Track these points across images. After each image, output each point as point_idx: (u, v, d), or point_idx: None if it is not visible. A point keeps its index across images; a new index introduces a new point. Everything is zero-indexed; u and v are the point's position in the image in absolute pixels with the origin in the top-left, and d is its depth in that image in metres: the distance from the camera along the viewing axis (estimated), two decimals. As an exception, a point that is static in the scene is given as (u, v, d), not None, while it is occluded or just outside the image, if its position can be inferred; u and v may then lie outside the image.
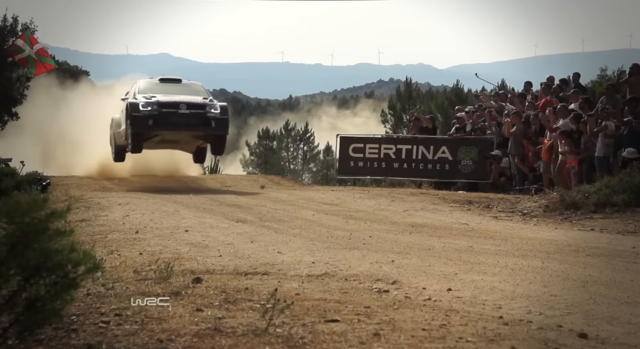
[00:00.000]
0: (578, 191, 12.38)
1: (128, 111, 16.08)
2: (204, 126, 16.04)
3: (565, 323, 4.15)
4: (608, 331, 3.95)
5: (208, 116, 16.00)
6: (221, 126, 16.21)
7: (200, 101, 16.39)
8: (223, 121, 16.23)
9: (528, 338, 3.80)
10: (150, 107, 15.89)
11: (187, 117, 15.87)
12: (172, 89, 17.14)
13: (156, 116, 15.79)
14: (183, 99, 16.25)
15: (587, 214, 11.31)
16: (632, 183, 11.54)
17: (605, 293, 5.21)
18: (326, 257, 6.75)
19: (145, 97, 16.23)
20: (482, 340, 3.77)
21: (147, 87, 17.15)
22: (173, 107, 15.95)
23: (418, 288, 5.28)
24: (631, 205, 11.27)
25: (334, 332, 3.92)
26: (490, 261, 6.87)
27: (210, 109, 16.12)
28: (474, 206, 13.04)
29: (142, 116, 15.79)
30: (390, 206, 12.79)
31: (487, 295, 5.05)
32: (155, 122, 15.82)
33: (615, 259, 7.25)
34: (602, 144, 14.73)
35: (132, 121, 15.90)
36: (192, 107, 16.03)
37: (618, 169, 13.69)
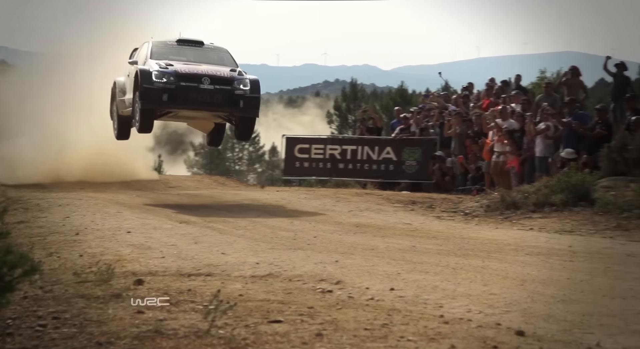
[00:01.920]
0: (518, 191, 12.61)
1: (138, 80, 12.96)
2: (230, 106, 12.99)
3: (503, 321, 4.23)
4: (545, 329, 4.03)
5: (236, 93, 12.91)
6: (251, 107, 13.07)
7: (227, 73, 13.13)
8: (253, 100, 13.07)
9: (467, 336, 3.87)
10: (166, 79, 12.78)
11: (211, 94, 12.81)
12: (192, 55, 13.95)
13: (172, 91, 12.75)
14: (206, 70, 13.08)
15: (526, 214, 11.54)
16: (570, 183, 11.81)
17: (542, 291, 5.33)
18: (270, 258, 6.74)
19: (159, 65, 13.05)
20: (423, 339, 3.82)
21: (161, 51, 13.87)
22: (194, 81, 12.82)
23: (361, 288, 5.31)
24: (568, 204, 11.54)
25: (277, 333, 3.92)
26: (433, 261, 6.96)
27: (239, 84, 12.96)
28: (417, 206, 13.18)
29: (154, 90, 12.74)
30: (335, 207, 12.85)
31: (429, 294, 5.11)
32: (171, 99, 12.79)
33: (553, 257, 7.41)
34: (542, 145, 15.05)
35: (143, 95, 12.80)
36: (217, 81, 12.91)
37: (557, 169, 14.00)
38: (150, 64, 13.16)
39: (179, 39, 14.32)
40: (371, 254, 7.38)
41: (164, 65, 13.00)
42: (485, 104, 17.72)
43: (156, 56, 13.59)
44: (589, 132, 14.53)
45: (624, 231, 9.71)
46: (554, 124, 15.11)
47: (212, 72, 13.00)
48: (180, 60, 13.47)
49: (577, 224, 10.49)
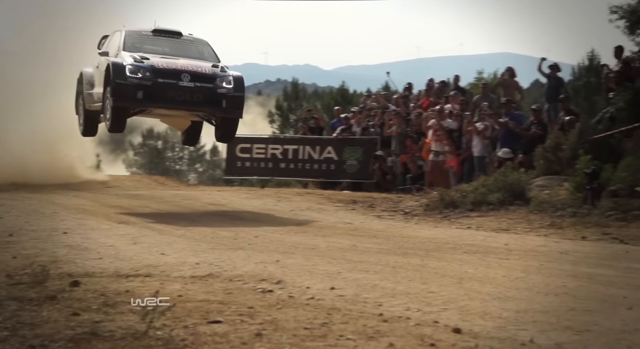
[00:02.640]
0: (457, 190, 12.82)
1: (109, 74, 11.79)
2: (211, 106, 11.89)
3: (441, 319, 4.29)
4: (480, 326, 4.11)
5: (219, 92, 11.77)
6: (234, 107, 11.98)
7: (209, 69, 11.99)
8: (237, 99, 11.99)
9: (406, 334, 3.91)
10: (141, 74, 11.59)
11: (191, 93, 11.69)
12: (169, 47, 12.77)
13: (148, 88, 11.57)
14: (186, 65, 11.92)
15: (464, 213, 11.73)
16: (506, 182, 12.06)
17: (479, 289, 5.42)
18: (211, 258, 6.70)
19: (134, 58, 11.83)
20: (362, 337, 3.85)
21: (135, 42, 12.62)
22: (172, 77, 11.67)
23: (302, 287, 5.32)
24: (505, 203, 11.78)
25: (216, 333, 3.90)
26: (373, 260, 7.02)
27: (221, 82, 11.84)
28: (358, 205, 13.27)
29: (128, 86, 11.56)
30: (276, 206, 12.84)
31: (369, 293, 5.15)
32: (147, 96, 11.62)
33: (490, 256, 7.55)
34: (480, 145, 15.32)
35: (115, 91, 11.66)
36: (198, 78, 11.76)
37: (494, 169, 14.28)
38: (124, 57, 11.96)
39: (155, 29, 13.06)
40: (312, 254, 7.40)
41: (139, 58, 11.81)
42: (425, 104, 17.94)
43: (130, 48, 12.38)
44: (525, 132, 14.86)
45: (558, 229, 9.96)
46: (491, 124, 15.40)
47: (192, 67, 11.89)
48: (157, 53, 12.31)
49: (513, 222, 10.71)
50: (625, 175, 11.13)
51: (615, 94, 13.85)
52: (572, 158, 12.50)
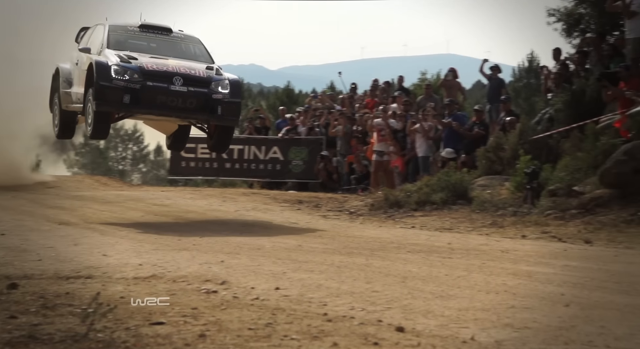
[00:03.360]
0: (401, 190, 12.95)
1: (92, 75, 10.66)
2: (205, 113, 10.79)
3: (385, 318, 4.33)
4: (423, 324, 4.16)
5: (214, 97, 10.71)
6: (230, 114, 10.91)
7: (204, 72, 10.90)
8: (233, 105, 10.92)
9: (350, 334, 3.94)
10: (128, 76, 10.46)
11: (183, 98, 10.58)
12: (158, 45, 11.57)
13: (136, 92, 10.45)
14: (178, 67, 10.81)
15: (408, 212, 11.85)
16: (449, 182, 12.23)
17: (422, 288, 5.49)
18: (154, 259, 6.62)
19: (120, 58, 10.69)
20: (307, 337, 3.86)
21: (121, 38, 11.45)
22: (163, 80, 10.56)
23: (247, 288, 5.31)
24: (448, 203, 11.94)
25: (159, 335, 3.86)
26: (318, 259, 7.04)
27: (217, 86, 10.79)
28: (304, 205, 13.29)
29: (114, 89, 10.41)
30: (221, 207, 12.77)
31: (314, 293, 5.16)
32: (134, 101, 10.49)
33: (433, 255, 7.65)
34: (424, 145, 15.50)
35: (99, 94, 10.50)
36: (192, 82, 10.68)
37: (437, 169, 14.47)
38: (108, 56, 10.82)
39: (143, 24, 11.81)
40: (257, 254, 7.38)
41: (125, 58, 10.70)
42: (370, 104, 18.07)
43: (114, 45, 11.24)
44: (468, 133, 15.09)
45: (499, 228, 10.13)
46: (434, 124, 15.60)
47: (185, 70, 10.77)
48: (145, 52, 11.17)
49: (456, 221, 10.86)
50: (563, 175, 11.40)
51: (553, 96, 14.17)
52: (512, 158, 12.75)
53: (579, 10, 16.96)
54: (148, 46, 11.48)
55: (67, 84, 12.30)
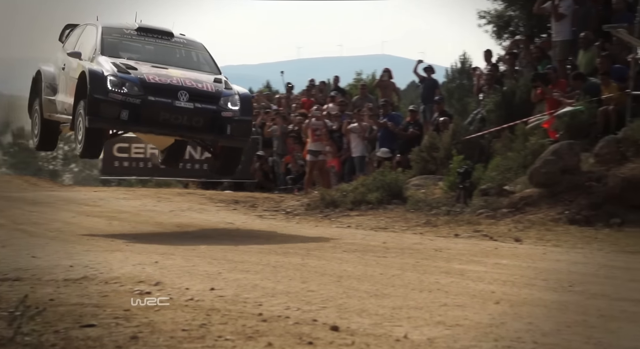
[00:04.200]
0: (337, 190, 13.02)
1: (85, 85, 9.35)
2: (213, 132, 9.57)
3: (320, 317, 4.35)
4: (358, 323, 4.20)
5: (223, 115, 9.48)
6: (240, 134, 9.68)
7: (211, 85, 9.68)
8: (244, 124, 9.73)
9: (285, 333, 3.94)
10: (127, 89, 9.22)
11: (189, 115, 9.34)
12: (158, 52, 10.25)
13: (136, 108, 9.21)
14: (184, 79, 9.56)
15: (344, 212, 11.93)
16: (385, 182, 12.36)
17: (357, 287, 5.54)
18: (86, 261, 6.50)
19: (117, 67, 9.41)
20: (241, 338, 3.85)
21: (116, 42, 10.12)
22: (166, 95, 9.32)
23: (181, 289, 5.26)
24: (383, 202, 12.07)
25: (89, 337, 3.80)
26: (254, 260, 7.03)
27: (226, 103, 9.57)
28: (240, 205, 13.24)
29: (110, 103, 9.15)
30: (156, 207, 12.61)
31: (249, 293, 5.15)
32: (133, 118, 9.25)
33: (368, 254, 7.72)
34: (360, 145, 15.62)
35: (92, 109, 9.20)
36: (199, 97, 9.45)
37: (373, 169, 14.60)
38: (103, 64, 9.51)
39: (141, 27, 10.43)
40: (192, 255, 7.32)
41: (123, 67, 9.41)
42: (306, 104, 18.11)
43: (109, 50, 9.90)
44: (403, 133, 15.27)
45: (433, 227, 10.29)
46: (370, 124, 15.73)
47: (190, 82, 9.51)
48: (144, 60, 9.87)
49: (391, 221, 10.99)
50: (494, 174, 11.65)
51: (485, 96, 14.46)
52: (446, 158, 12.96)
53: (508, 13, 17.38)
54: (147, 53, 10.18)
55: (50, 90, 10.86)
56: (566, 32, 13.46)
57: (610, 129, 11.51)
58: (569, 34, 13.41)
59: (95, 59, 9.75)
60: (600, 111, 11.79)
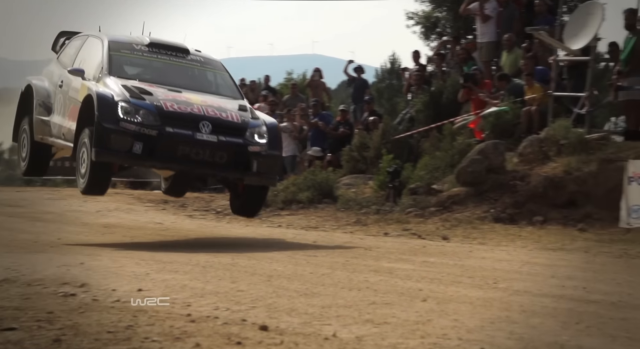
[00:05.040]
0: (268, 189, 13.00)
1: (91, 111, 8.21)
2: (238, 169, 8.41)
3: (249, 317, 4.34)
4: (287, 322, 4.20)
5: (250, 150, 8.36)
6: (269, 170, 8.55)
7: (237, 115, 8.53)
8: (272, 160, 8.60)
9: (213, 334, 3.92)
10: (142, 118, 8.07)
11: (212, 150, 8.20)
12: (174, 73, 9.08)
13: (151, 140, 8.05)
14: (206, 106, 8.39)
15: (275, 211, 11.93)
16: (315, 181, 12.42)
17: (287, 286, 5.54)
18: (7, 263, 6.31)
19: (129, 91, 8.26)
20: (168, 339, 3.80)
21: (125, 60, 8.96)
22: (187, 126, 8.16)
23: (107, 290, 5.16)
24: (314, 202, 12.13)
25: (9, 341, 3.69)
26: (183, 260, 6.96)
27: (253, 135, 8.43)
28: (169, 205, 13.09)
29: (121, 134, 8.00)
30: (82, 207, 12.35)
31: (178, 293, 5.10)
32: (148, 151, 8.07)
33: (299, 253, 7.73)
34: (292, 144, 15.63)
35: (101, 139, 8.03)
36: (223, 128, 8.29)
37: (304, 168, 14.63)
38: (112, 87, 8.33)
39: (152, 43, 9.16)
40: (119, 255, 7.20)
41: (136, 92, 8.24)
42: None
43: (118, 70, 8.73)
44: (334, 132, 15.35)
45: (363, 226, 10.40)
46: (300, 124, 15.76)
47: (213, 111, 8.32)
48: (158, 82, 8.67)
49: (322, 220, 11.04)
50: (423, 174, 11.84)
51: (413, 96, 14.68)
52: (376, 157, 13.10)
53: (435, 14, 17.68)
54: (160, 73, 8.96)
55: (43, 109, 9.61)
56: (491, 34, 13.77)
57: (534, 129, 11.84)
58: (494, 35, 13.73)
59: (103, 79, 8.54)
60: (523, 111, 12.11)
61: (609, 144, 10.94)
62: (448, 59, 15.06)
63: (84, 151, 8.32)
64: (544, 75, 12.41)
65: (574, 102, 11.86)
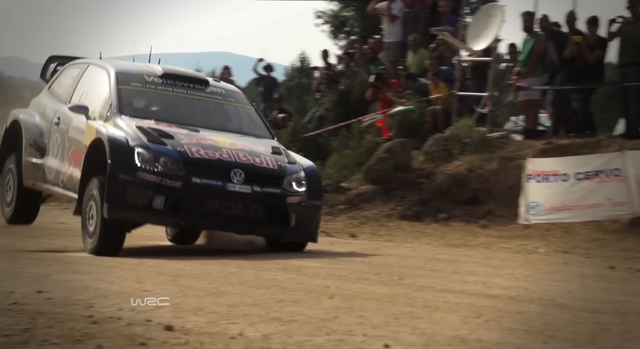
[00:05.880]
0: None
1: (101, 158, 7.11)
2: (275, 225, 7.37)
3: (154, 317, 4.27)
4: (193, 322, 4.15)
5: (289, 201, 7.32)
6: (308, 224, 7.50)
7: (272, 159, 7.45)
8: (313, 212, 7.55)
9: (116, 335, 3.84)
10: (163, 167, 7.02)
11: (245, 203, 7.20)
12: (194, 110, 7.92)
13: (175, 193, 7.06)
14: (236, 151, 7.33)
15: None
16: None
17: (194, 285, 5.49)
18: None
19: (146, 134, 7.18)
20: (68, 341, 3.70)
21: (137, 96, 7.85)
22: (216, 174, 7.13)
23: (4, 292, 4.98)
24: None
25: None
26: (86, 261, 6.79)
27: (290, 183, 7.36)
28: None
29: (140, 186, 7.01)
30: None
31: (80, 295, 4.97)
32: (171, 207, 7.07)
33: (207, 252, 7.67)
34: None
35: (115, 193, 6.99)
36: (257, 177, 7.25)
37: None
38: (125, 128, 7.20)
39: (167, 73, 7.99)
40: (19, 256, 6.97)
41: (155, 135, 7.13)
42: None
43: (129, 107, 7.55)
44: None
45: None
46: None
47: (245, 156, 7.25)
48: (178, 122, 7.53)
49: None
50: (332, 172, 11.95)
51: (322, 95, 14.79)
52: (285, 155, 13.09)
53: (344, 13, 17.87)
54: (179, 110, 7.77)
55: (35, 150, 8.29)
56: (398, 34, 14.02)
57: (439, 127, 12.13)
58: (401, 35, 13.97)
59: (112, 119, 7.37)
60: (429, 110, 12.39)
61: (509, 143, 11.33)
62: (357, 58, 15.23)
63: (93, 206, 7.16)
64: (448, 75, 12.73)
65: (476, 102, 12.22)
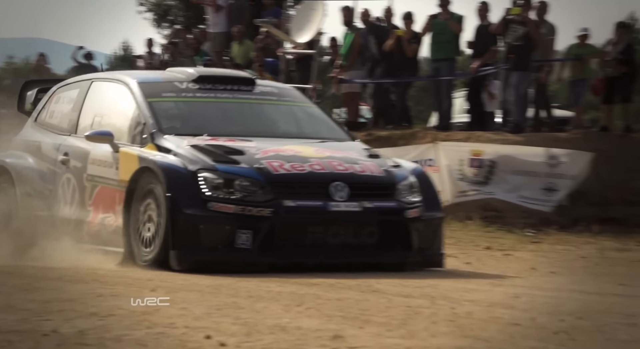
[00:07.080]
0: None
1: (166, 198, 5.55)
2: (396, 251, 5.88)
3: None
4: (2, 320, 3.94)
5: (408, 216, 5.83)
6: (432, 243, 6.03)
7: (371, 162, 6.00)
8: (435, 226, 6.07)
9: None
10: (242, 191, 5.60)
11: (356, 226, 5.77)
12: (249, 118, 6.43)
13: (266, 225, 5.63)
14: (328, 159, 5.82)
15: None
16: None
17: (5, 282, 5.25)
18: None
19: (208, 153, 5.71)
20: None
21: (174, 108, 6.30)
22: (311, 193, 5.67)
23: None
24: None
25: None
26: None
27: (403, 193, 5.88)
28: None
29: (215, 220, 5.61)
30: None
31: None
32: (261, 245, 5.63)
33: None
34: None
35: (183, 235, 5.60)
36: (363, 189, 5.79)
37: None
38: (175, 150, 5.77)
39: (203, 76, 6.47)
40: None
41: (220, 153, 5.71)
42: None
43: (170, 124, 6.05)
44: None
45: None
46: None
47: (341, 165, 5.80)
48: (234, 135, 6.00)
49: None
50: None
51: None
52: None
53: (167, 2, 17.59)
54: (230, 119, 6.27)
55: (39, 200, 6.75)
56: (222, 25, 13.97)
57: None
58: (225, 26, 13.94)
59: (153, 142, 5.90)
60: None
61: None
62: (182, 49, 15.02)
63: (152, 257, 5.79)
64: (274, 66, 12.87)
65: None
